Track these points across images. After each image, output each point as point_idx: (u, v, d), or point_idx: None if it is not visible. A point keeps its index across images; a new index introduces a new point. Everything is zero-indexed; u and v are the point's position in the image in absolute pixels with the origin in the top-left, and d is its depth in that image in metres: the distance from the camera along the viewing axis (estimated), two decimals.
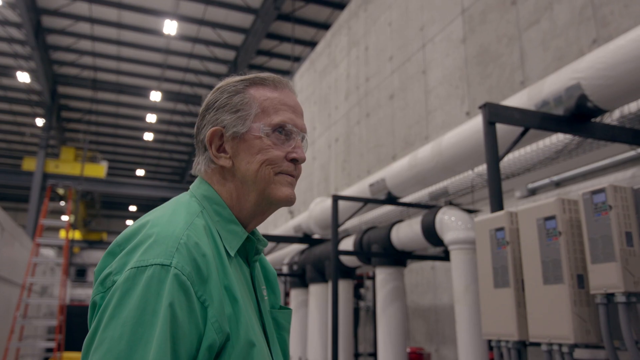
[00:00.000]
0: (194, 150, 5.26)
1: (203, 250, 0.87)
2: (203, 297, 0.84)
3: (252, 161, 1.01)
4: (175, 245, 0.85)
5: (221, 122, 1.03)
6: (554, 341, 2.10)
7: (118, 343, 0.76)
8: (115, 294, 0.80)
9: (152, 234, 0.87)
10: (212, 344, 0.83)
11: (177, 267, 0.82)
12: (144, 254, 0.83)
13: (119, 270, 0.83)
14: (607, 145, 3.50)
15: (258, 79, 1.07)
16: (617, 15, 4.94)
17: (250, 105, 1.03)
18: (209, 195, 1.02)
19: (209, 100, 1.07)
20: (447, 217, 4.28)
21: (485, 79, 6.59)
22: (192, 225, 0.91)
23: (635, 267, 1.92)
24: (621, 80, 2.69)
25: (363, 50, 9.89)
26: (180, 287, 0.81)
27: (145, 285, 0.80)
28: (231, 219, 1.00)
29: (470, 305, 3.95)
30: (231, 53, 18.35)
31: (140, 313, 0.78)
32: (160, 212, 0.96)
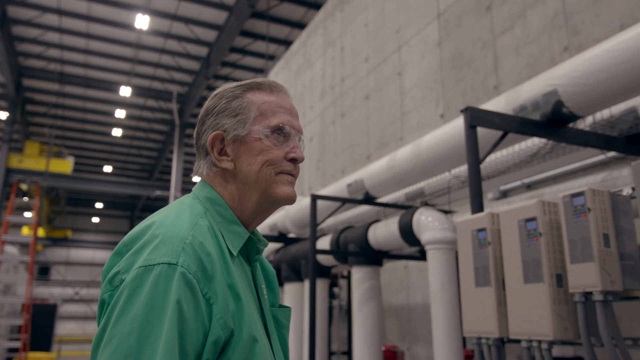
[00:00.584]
0: (163, 147, 5.28)
1: (208, 250, 0.91)
2: (208, 294, 0.88)
3: (254, 162, 1.05)
4: (181, 245, 0.88)
5: (221, 126, 1.06)
6: (533, 338, 2.18)
7: (127, 339, 0.79)
8: (123, 291, 0.83)
9: (158, 234, 0.90)
10: (217, 340, 0.86)
11: (183, 265, 0.86)
12: (151, 253, 0.87)
13: (127, 269, 0.87)
14: (579, 150, 3.64)
15: (255, 84, 1.11)
16: (587, 24, 5.12)
17: (248, 109, 1.07)
18: (212, 197, 1.05)
19: (207, 106, 1.11)
20: (424, 217, 4.36)
21: (460, 82, 6.73)
22: (196, 225, 0.94)
23: (611, 267, 2.01)
24: (596, 88, 2.80)
25: (339, 51, 9.95)
26: (186, 285, 0.84)
27: (153, 283, 0.83)
28: (233, 220, 1.04)
29: (446, 304, 4.04)
30: (204, 49, 18.17)
31: (148, 310, 0.81)
32: (165, 213, 0.99)
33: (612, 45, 2.68)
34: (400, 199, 5.33)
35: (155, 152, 27.17)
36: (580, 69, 2.85)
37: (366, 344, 4.96)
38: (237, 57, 18.60)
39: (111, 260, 0.93)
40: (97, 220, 33.28)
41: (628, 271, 2.04)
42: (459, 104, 6.69)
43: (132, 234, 0.94)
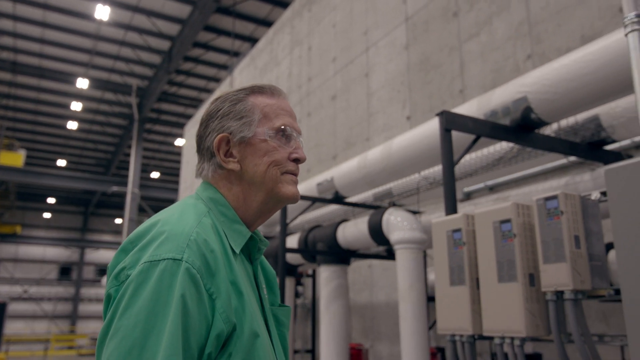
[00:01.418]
0: (121, 141, 5.19)
1: (211, 247, 0.94)
2: (211, 289, 0.91)
3: (260, 163, 1.09)
4: (186, 242, 0.91)
5: (227, 128, 1.09)
6: (506, 335, 2.27)
7: (132, 331, 0.82)
8: (129, 286, 0.86)
9: (163, 232, 0.93)
10: (220, 334, 0.89)
11: (187, 261, 0.89)
12: (157, 249, 0.90)
13: (132, 264, 0.89)
14: (544, 155, 3.79)
15: (257, 88, 1.15)
16: (550, 33, 5.33)
17: (252, 111, 1.11)
18: (215, 198, 1.09)
19: (210, 109, 1.13)
20: (394, 217, 4.45)
21: (426, 85, 6.87)
22: (200, 223, 0.98)
23: (581, 267, 2.12)
24: (564, 96, 2.93)
25: (306, 50, 9.97)
26: (190, 280, 0.87)
27: (158, 278, 0.86)
28: (235, 219, 1.08)
29: (414, 302, 4.14)
30: (166, 43, 17.84)
31: (153, 303, 0.84)
32: (170, 212, 1.02)
33: (581, 55, 2.81)
34: (369, 199, 5.40)
35: (113, 146, 26.47)
36: (549, 77, 2.97)
37: (333, 342, 5.01)
38: (200, 52, 18.34)
39: (117, 257, 0.96)
40: (48, 215, 32.11)
41: (596, 271, 2.16)
42: (425, 106, 6.84)
43: (137, 231, 0.97)
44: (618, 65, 2.63)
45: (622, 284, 1.76)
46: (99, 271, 31.81)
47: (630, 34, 2.06)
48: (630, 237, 1.78)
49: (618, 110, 3.36)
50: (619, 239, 1.80)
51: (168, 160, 27.99)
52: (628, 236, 1.78)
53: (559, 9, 5.28)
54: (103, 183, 24.49)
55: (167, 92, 21.23)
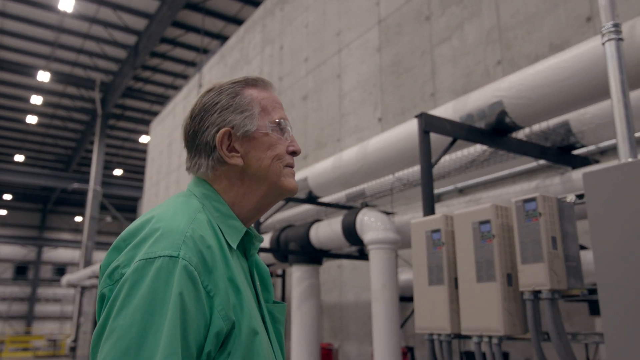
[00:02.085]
0: (82, 137, 5.04)
1: (208, 243, 0.92)
2: (209, 287, 0.88)
3: (264, 157, 1.07)
4: (182, 238, 0.89)
5: (229, 122, 1.06)
6: (484, 334, 2.32)
7: (129, 331, 0.79)
8: (124, 285, 0.83)
9: (158, 228, 0.90)
10: (219, 331, 0.87)
11: (184, 258, 0.86)
12: (152, 246, 0.87)
13: (126, 263, 0.86)
14: (515, 158, 3.88)
15: (251, 80, 1.13)
16: (519, 40, 5.48)
17: (252, 105, 1.09)
18: (208, 194, 1.06)
19: (205, 102, 1.09)
20: (367, 218, 4.48)
21: (398, 88, 6.95)
22: (195, 219, 0.95)
23: (558, 267, 2.19)
24: (538, 101, 3.02)
25: (278, 49, 9.94)
26: (188, 277, 0.85)
27: (154, 276, 0.83)
28: (230, 215, 1.05)
29: (387, 302, 4.18)
30: (132, 38, 17.47)
31: (149, 302, 0.81)
32: (163, 208, 0.99)
33: (556, 62, 2.90)
34: (342, 199, 5.42)
35: (74, 142, 25.74)
36: (525, 82, 3.05)
37: (304, 342, 5.01)
38: (168, 48, 18.04)
39: (109, 255, 0.93)
40: (4, 212, 30.96)
41: (571, 271, 2.23)
42: (397, 109, 6.91)
43: (130, 229, 0.94)
44: (591, 72, 2.72)
45: (600, 283, 1.82)
46: (56, 270, 30.85)
47: (607, 42, 2.14)
48: (607, 238, 1.84)
49: (587, 116, 3.48)
50: (596, 240, 1.87)
51: (132, 158, 27.41)
52: (605, 237, 1.85)
53: (528, 17, 5.43)
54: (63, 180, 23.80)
55: (132, 88, 20.79)
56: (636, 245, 1.76)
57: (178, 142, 14.64)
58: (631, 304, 1.74)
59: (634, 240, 1.77)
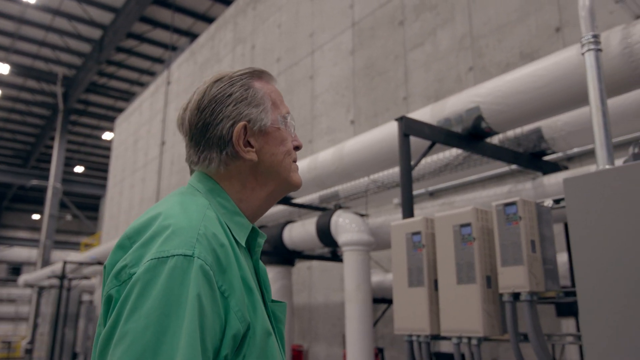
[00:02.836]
0: (42, 132, 4.91)
1: (221, 241, 0.88)
2: (223, 287, 0.85)
3: (277, 152, 1.04)
4: (195, 236, 0.84)
5: (246, 116, 1.02)
6: (464, 335, 2.36)
7: (143, 335, 0.74)
8: (135, 285, 0.78)
9: (168, 226, 0.85)
10: (236, 333, 0.84)
11: (200, 257, 0.82)
12: (163, 245, 0.82)
13: (135, 262, 0.82)
14: (489, 162, 3.97)
15: (257, 72, 1.09)
16: (491, 48, 5.60)
17: (264, 98, 1.05)
18: (213, 189, 1.02)
19: (214, 93, 1.02)
20: (342, 219, 4.49)
21: (371, 91, 7.01)
22: (206, 216, 0.91)
23: (537, 270, 2.25)
24: (515, 107, 3.09)
25: (249, 49, 9.87)
26: (204, 277, 0.81)
27: (169, 276, 0.78)
28: (236, 211, 1.02)
29: (361, 303, 4.20)
30: (97, 32, 17.05)
31: (164, 304, 0.76)
32: (168, 204, 0.94)
33: (532, 70, 2.98)
34: (315, 200, 5.43)
35: (33, 137, 24.91)
36: (502, 89, 3.12)
37: None
38: (134, 44, 17.68)
39: (114, 254, 0.88)
40: None
41: (548, 274, 2.29)
42: (370, 112, 6.97)
43: (135, 226, 0.89)
44: (566, 81, 2.81)
45: (579, 286, 1.88)
46: (12, 270, 29.73)
47: (586, 53, 2.21)
48: (586, 242, 1.90)
49: (559, 124, 3.59)
50: (576, 244, 1.92)
51: (94, 155, 26.72)
52: (584, 241, 1.91)
53: (499, 25, 5.56)
54: (21, 176, 23.01)
55: (96, 83, 20.28)
56: (613, 248, 1.83)
57: (144, 139, 14.36)
58: (609, 306, 1.80)
59: (611, 243, 1.84)
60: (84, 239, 23.42)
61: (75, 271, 11.71)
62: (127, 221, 14.38)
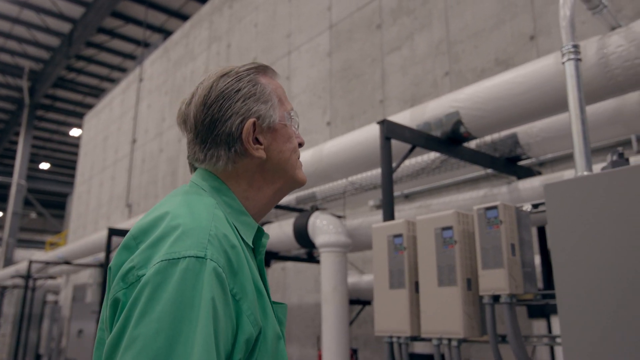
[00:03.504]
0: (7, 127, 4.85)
1: (232, 242, 0.86)
2: (235, 290, 0.82)
3: (285, 150, 1.03)
4: (206, 237, 0.82)
5: (255, 112, 0.99)
6: (444, 336, 2.39)
7: (154, 340, 0.71)
8: (145, 288, 0.75)
9: (177, 226, 0.82)
10: (249, 338, 0.82)
11: (212, 259, 0.79)
12: (173, 246, 0.79)
13: (143, 264, 0.78)
14: (465, 166, 4.04)
15: (262, 67, 1.06)
16: (467, 53, 5.70)
17: (271, 94, 1.03)
18: (218, 188, 0.99)
19: (222, 88, 0.99)
20: (320, 221, 4.50)
21: (348, 93, 7.04)
22: (215, 216, 0.88)
23: (516, 273, 2.30)
24: (493, 113, 3.16)
25: (225, 47, 9.79)
26: (217, 280, 0.78)
27: (181, 278, 0.75)
28: (242, 211, 0.99)
29: (337, 304, 4.22)
30: (67, 25, 16.66)
31: (177, 308, 0.73)
32: (174, 204, 0.90)
33: (512, 77, 3.05)
34: (291, 202, 5.42)
35: None
36: (481, 94, 3.18)
37: None
38: (105, 39, 17.33)
39: (119, 255, 0.85)
40: None
41: (527, 277, 2.35)
42: (346, 114, 7.00)
43: (141, 226, 0.86)
44: (544, 89, 2.88)
45: (558, 288, 1.93)
46: None
47: (567, 62, 2.28)
48: (565, 245, 1.96)
49: (534, 130, 3.68)
50: (556, 247, 1.98)
51: (61, 151, 26.05)
52: (564, 245, 1.96)
53: (476, 32, 5.66)
54: None
55: (65, 78, 19.79)
56: (592, 252, 1.88)
57: (115, 136, 14.08)
58: (588, 308, 1.85)
59: (590, 247, 1.89)
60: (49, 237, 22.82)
61: (40, 271, 11.40)
62: (95, 220, 14.08)
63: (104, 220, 13.19)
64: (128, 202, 11.90)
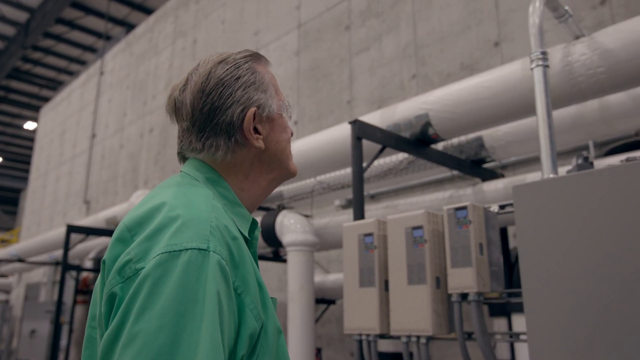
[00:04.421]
0: None
1: (233, 234, 0.83)
2: (236, 283, 0.80)
3: (281, 140, 1.02)
4: (208, 228, 0.78)
5: (256, 101, 0.97)
6: (413, 334, 2.43)
7: (157, 336, 0.68)
8: (145, 282, 0.71)
9: (176, 217, 0.79)
10: (253, 333, 0.80)
11: (216, 251, 0.76)
12: (174, 237, 0.75)
13: (141, 257, 0.75)
14: (432, 168, 4.11)
15: (257, 55, 1.04)
16: (434, 57, 5.81)
17: (268, 83, 1.01)
18: (213, 178, 0.95)
19: (221, 75, 0.96)
20: (287, 220, 4.50)
21: (315, 92, 7.05)
22: (214, 207, 0.85)
23: (484, 272, 2.36)
24: (461, 116, 3.23)
25: (190, 43, 9.65)
26: (221, 274, 0.76)
27: (183, 271, 0.72)
28: (237, 202, 0.96)
29: (304, 303, 4.22)
30: (23, 14, 16.06)
31: (180, 302, 0.70)
32: (169, 194, 0.86)
33: (480, 81, 3.12)
34: None
35: None
36: (450, 97, 3.25)
37: None
38: (63, 30, 16.78)
39: (113, 247, 0.80)
40: None
41: (494, 276, 2.41)
42: (313, 113, 7.01)
43: (135, 217, 0.82)
44: (511, 94, 2.97)
45: (525, 286, 2.00)
46: None
47: (535, 68, 2.35)
48: (532, 245, 2.02)
49: (499, 133, 3.78)
50: (523, 247, 2.04)
51: (14, 145, 25.06)
52: (531, 244, 2.03)
53: (442, 36, 5.77)
54: None
55: (20, 69, 19.07)
56: (558, 251, 1.95)
57: (73, 131, 13.66)
58: (553, 307, 1.92)
59: (556, 247, 1.96)
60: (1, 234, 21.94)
61: None
62: (50, 216, 13.62)
63: (60, 217, 12.78)
64: (86, 199, 11.57)
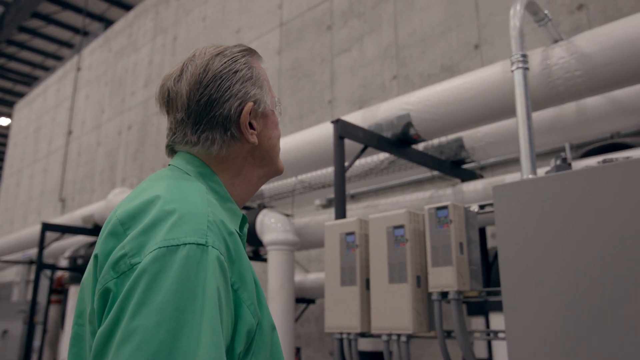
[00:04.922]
0: None
1: (229, 229, 0.82)
2: (233, 279, 0.79)
3: (272, 137, 1.01)
4: (205, 223, 0.77)
5: (252, 96, 0.96)
6: (394, 332, 2.45)
7: (155, 332, 0.66)
8: (141, 277, 0.70)
9: (172, 211, 0.77)
10: (250, 329, 0.79)
11: (214, 246, 0.75)
12: (171, 232, 0.74)
13: (136, 251, 0.73)
14: (413, 168, 4.14)
15: (251, 50, 1.03)
16: (414, 58, 5.85)
17: (263, 79, 1.01)
18: (204, 173, 0.94)
19: (217, 68, 0.94)
20: (268, 219, 4.49)
21: (297, 92, 7.05)
22: (209, 202, 0.84)
23: (464, 271, 2.39)
24: (442, 117, 3.26)
25: (171, 40, 9.55)
26: (220, 269, 0.75)
27: (182, 267, 0.71)
28: (227, 197, 0.95)
29: (284, 302, 4.22)
30: None
31: (179, 298, 0.69)
32: (162, 187, 0.84)
33: (461, 83, 3.16)
34: None
35: None
36: (432, 98, 3.28)
37: None
38: (39, 24, 16.44)
39: (105, 242, 0.78)
40: None
41: (474, 275, 2.45)
42: (294, 113, 7.01)
43: (129, 210, 0.80)
44: (491, 95, 3.01)
45: (504, 285, 2.03)
46: None
47: (515, 70, 2.39)
48: (512, 245, 2.06)
49: (479, 134, 3.83)
50: (503, 247, 2.07)
51: None
52: (510, 244, 2.06)
53: (423, 38, 5.82)
54: None
55: None
56: (537, 251, 1.99)
57: (48, 127, 13.40)
58: (532, 306, 1.96)
59: (535, 246, 2.00)
60: None
61: None
62: (24, 214, 13.34)
63: (34, 215, 12.53)
64: (61, 197, 11.36)
